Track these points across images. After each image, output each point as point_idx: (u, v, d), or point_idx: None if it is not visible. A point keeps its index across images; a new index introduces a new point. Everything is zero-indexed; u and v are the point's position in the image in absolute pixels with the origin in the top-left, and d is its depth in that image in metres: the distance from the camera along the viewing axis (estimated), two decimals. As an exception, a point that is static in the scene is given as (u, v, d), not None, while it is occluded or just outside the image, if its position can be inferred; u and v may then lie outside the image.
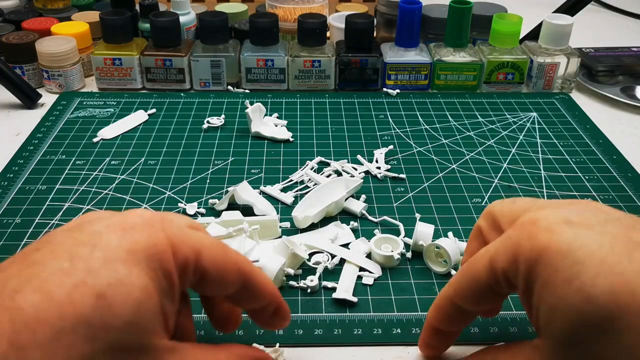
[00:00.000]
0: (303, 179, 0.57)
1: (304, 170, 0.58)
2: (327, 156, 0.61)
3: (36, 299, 0.25)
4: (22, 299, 0.25)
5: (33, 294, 0.25)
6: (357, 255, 0.47)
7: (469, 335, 0.41)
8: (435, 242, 0.46)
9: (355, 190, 0.53)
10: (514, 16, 0.73)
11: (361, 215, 0.52)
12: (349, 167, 0.57)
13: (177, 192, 0.55)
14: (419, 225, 0.48)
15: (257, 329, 0.41)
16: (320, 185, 0.52)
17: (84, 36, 0.76)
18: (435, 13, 0.80)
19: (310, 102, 0.72)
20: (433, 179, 0.58)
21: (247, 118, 0.64)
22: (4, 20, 0.82)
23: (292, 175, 0.57)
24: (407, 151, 0.62)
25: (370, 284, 0.45)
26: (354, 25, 0.72)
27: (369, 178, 0.57)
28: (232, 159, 0.60)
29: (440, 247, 0.46)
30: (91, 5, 0.89)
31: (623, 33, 0.98)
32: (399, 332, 0.41)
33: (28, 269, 0.27)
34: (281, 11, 0.79)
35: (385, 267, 0.47)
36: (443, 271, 0.46)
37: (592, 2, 0.89)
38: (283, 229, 0.50)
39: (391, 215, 0.52)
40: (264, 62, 0.72)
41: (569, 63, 0.74)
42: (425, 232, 0.47)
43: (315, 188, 0.52)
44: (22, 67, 0.73)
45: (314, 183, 0.56)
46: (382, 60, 0.73)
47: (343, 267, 0.46)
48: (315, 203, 0.51)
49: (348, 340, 0.41)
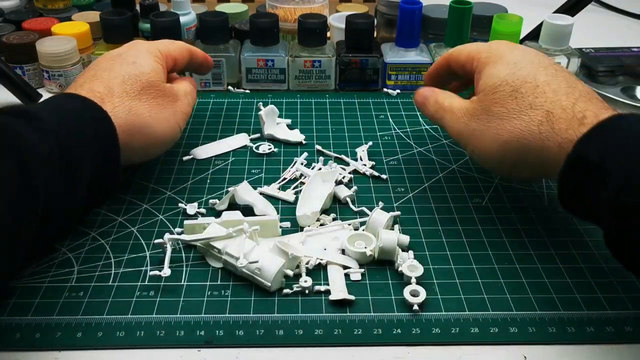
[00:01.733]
0: (296, 176, 0.57)
1: (296, 166, 0.58)
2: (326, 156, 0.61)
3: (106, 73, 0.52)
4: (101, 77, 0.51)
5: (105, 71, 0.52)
6: (335, 255, 0.47)
7: (469, 335, 0.41)
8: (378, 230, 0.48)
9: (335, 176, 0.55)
10: (514, 16, 0.73)
11: (344, 202, 0.53)
12: (337, 168, 0.57)
13: (177, 192, 0.55)
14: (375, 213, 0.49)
15: (257, 329, 0.41)
16: (309, 181, 0.53)
17: (84, 36, 0.75)
18: (436, 13, 0.80)
19: (311, 102, 0.72)
20: (433, 179, 0.58)
21: (260, 120, 0.64)
22: (4, 21, 0.82)
23: (284, 174, 0.58)
24: (407, 151, 0.62)
25: (359, 279, 0.45)
26: (354, 25, 0.72)
27: (369, 178, 0.57)
28: (233, 159, 0.60)
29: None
30: (91, 6, 0.89)
31: (623, 33, 0.98)
32: (399, 332, 0.41)
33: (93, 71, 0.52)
34: (281, 11, 0.79)
35: (361, 264, 0.47)
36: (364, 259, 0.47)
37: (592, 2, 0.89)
38: (283, 229, 0.50)
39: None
40: (264, 62, 0.72)
41: (569, 63, 0.74)
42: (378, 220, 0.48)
43: (307, 185, 0.53)
44: (22, 67, 0.73)
45: (305, 177, 0.57)
46: (383, 60, 0.73)
47: (327, 269, 0.46)
48: (314, 199, 0.51)
49: (348, 340, 0.41)
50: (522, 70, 0.46)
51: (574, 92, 0.44)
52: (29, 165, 0.41)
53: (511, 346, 0.41)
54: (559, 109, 0.43)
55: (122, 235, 0.50)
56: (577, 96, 0.44)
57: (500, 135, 0.46)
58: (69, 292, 0.44)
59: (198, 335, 0.41)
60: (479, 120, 0.47)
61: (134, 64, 0.52)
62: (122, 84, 0.50)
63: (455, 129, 0.50)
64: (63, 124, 0.45)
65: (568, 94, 0.44)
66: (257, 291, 0.44)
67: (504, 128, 0.45)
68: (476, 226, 0.51)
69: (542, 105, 0.44)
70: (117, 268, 0.46)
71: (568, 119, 0.43)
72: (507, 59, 0.48)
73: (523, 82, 0.46)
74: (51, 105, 0.47)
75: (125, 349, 0.40)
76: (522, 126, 0.44)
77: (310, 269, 0.46)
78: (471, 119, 0.48)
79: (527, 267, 0.47)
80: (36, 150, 0.42)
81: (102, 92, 0.49)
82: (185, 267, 0.47)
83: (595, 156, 0.40)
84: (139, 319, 0.42)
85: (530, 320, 0.42)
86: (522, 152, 0.45)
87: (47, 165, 0.43)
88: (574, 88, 0.45)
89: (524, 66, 0.47)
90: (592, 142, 0.41)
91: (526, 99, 0.45)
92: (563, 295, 0.44)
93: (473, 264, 0.47)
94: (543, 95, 0.45)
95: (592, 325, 0.42)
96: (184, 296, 0.44)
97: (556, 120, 0.43)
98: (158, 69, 0.53)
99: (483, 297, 0.44)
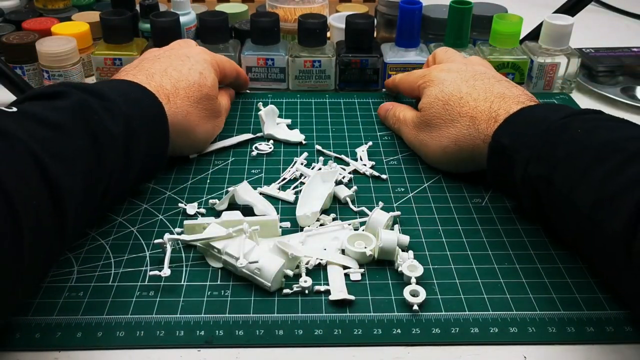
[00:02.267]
0: (296, 176, 0.57)
1: (295, 166, 0.58)
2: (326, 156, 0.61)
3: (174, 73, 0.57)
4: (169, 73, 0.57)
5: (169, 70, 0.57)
6: (335, 255, 0.47)
7: (469, 335, 0.41)
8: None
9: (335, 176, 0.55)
10: (514, 16, 0.73)
11: (344, 202, 0.53)
12: (337, 168, 0.57)
13: (177, 192, 0.55)
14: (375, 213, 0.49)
15: (257, 329, 0.41)
16: (309, 181, 0.53)
17: (84, 36, 0.76)
18: (436, 13, 0.80)
19: (311, 102, 0.72)
20: (433, 179, 0.58)
21: (260, 120, 0.64)
22: (4, 21, 0.82)
23: (284, 174, 0.58)
24: (407, 151, 0.62)
25: (359, 279, 0.45)
26: (354, 25, 0.72)
27: (369, 178, 0.57)
28: (233, 159, 0.60)
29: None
30: (91, 6, 0.89)
31: (623, 33, 0.98)
32: (399, 332, 0.41)
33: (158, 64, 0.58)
34: (281, 11, 0.79)
35: (361, 264, 0.47)
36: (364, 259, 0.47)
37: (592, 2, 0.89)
38: (283, 229, 0.50)
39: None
40: (264, 61, 0.72)
41: (569, 63, 0.74)
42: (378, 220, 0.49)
43: (307, 185, 0.53)
44: (22, 67, 0.73)
45: (304, 177, 0.57)
46: (383, 60, 0.73)
47: (327, 269, 0.46)
48: (313, 199, 0.51)
49: (348, 340, 0.41)
50: (449, 87, 0.57)
51: (490, 96, 0.54)
52: (101, 142, 0.45)
53: (511, 346, 0.41)
54: (479, 113, 0.53)
55: (122, 235, 0.50)
56: (492, 99, 0.54)
57: (441, 141, 0.56)
58: (69, 292, 0.44)
59: (198, 336, 0.41)
60: (423, 132, 0.58)
61: (201, 74, 0.58)
62: (187, 88, 0.56)
63: (408, 139, 0.61)
64: (130, 110, 0.49)
65: (486, 99, 0.54)
66: (257, 291, 0.44)
67: (443, 135, 0.56)
68: (476, 226, 0.51)
69: (467, 112, 0.54)
70: (117, 268, 0.46)
71: (486, 119, 0.52)
72: (437, 80, 0.58)
73: (450, 96, 0.56)
74: (120, 90, 0.51)
75: (125, 349, 0.40)
76: (455, 132, 0.54)
77: (310, 269, 0.46)
78: (418, 131, 0.59)
79: (527, 267, 0.47)
80: (108, 129, 0.46)
81: (169, 90, 0.55)
82: (185, 267, 0.47)
83: (507, 140, 0.50)
84: (139, 319, 0.42)
85: (530, 320, 0.42)
86: (460, 152, 0.55)
87: (115, 144, 0.47)
88: (490, 93, 0.54)
89: (450, 83, 0.57)
90: (503, 131, 0.50)
91: (455, 109, 0.55)
92: (563, 295, 0.44)
93: (473, 264, 0.47)
94: (466, 104, 0.54)
95: (592, 325, 0.42)
96: (184, 296, 0.44)
97: (479, 122, 0.53)
98: (216, 84, 0.60)
99: (483, 297, 0.44)
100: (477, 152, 0.53)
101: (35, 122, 0.42)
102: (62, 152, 0.42)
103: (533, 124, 0.49)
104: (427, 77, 0.60)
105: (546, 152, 0.46)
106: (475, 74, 0.58)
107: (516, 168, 0.48)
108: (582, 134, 0.46)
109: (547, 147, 0.46)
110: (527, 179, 0.47)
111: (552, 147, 0.46)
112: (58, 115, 0.43)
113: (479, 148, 0.53)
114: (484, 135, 0.52)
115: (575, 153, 0.45)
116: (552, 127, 0.47)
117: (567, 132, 0.46)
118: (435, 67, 0.62)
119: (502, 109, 0.52)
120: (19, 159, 0.38)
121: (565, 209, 0.45)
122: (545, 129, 0.47)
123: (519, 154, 0.48)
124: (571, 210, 0.44)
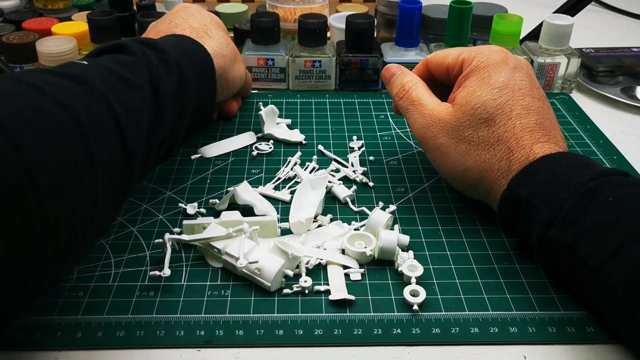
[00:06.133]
0: (290, 176, 0.57)
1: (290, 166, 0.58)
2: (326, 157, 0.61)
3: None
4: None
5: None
6: (335, 255, 0.47)
7: (469, 335, 0.41)
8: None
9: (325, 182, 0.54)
10: (514, 16, 0.73)
11: (344, 202, 0.53)
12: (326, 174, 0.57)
13: (177, 192, 0.55)
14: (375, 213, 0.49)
15: (257, 329, 0.41)
16: (299, 189, 0.52)
17: (84, 36, 0.75)
18: (435, 13, 0.80)
19: (311, 102, 0.72)
20: (433, 179, 0.58)
21: (260, 120, 0.64)
22: (4, 20, 0.82)
23: (278, 173, 0.58)
24: (407, 151, 0.62)
25: (359, 279, 0.45)
26: (354, 25, 0.72)
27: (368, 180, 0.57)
28: (233, 159, 0.60)
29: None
30: (91, 6, 0.89)
31: (623, 33, 0.98)
32: (399, 332, 0.41)
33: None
34: (281, 11, 0.79)
35: (361, 264, 0.47)
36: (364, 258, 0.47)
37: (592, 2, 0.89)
38: (283, 229, 0.50)
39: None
40: (264, 60, 0.72)
41: (569, 63, 0.74)
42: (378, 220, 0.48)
43: (297, 193, 0.52)
44: (22, 67, 0.73)
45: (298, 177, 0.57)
46: (383, 60, 0.73)
47: (327, 269, 0.46)
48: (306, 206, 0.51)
49: (348, 340, 0.41)
50: (503, 96, 0.47)
51: (538, 131, 0.46)
52: (161, 93, 0.47)
53: (511, 346, 0.41)
54: (519, 148, 0.46)
55: (122, 235, 0.50)
56: (539, 137, 0.46)
57: (466, 160, 0.48)
58: (69, 292, 0.44)
59: (198, 335, 0.41)
60: (449, 137, 0.49)
61: (225, 30, 0.63)
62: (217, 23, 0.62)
63: (421, 133, 0.51)
64: (183, 59, 0.51)
65: (532, 132, 0.46)
66: (257, 291, 0.44)
67: (470, 155, 0.48)
68: (476, 226, 0.51)
69: (508, 140, 0.46)
70: (117, 268, 0.46)
71: (522, 160, 0.46)
72: (493, 80, 0.48)
73: (500, 112, 0.47)
74: (169, 41, 0.53)
75: (125, 349, 0.40)
76: (486, 158, 0.47)
77: (310, 269, 0.46)
78: (440, 132, 0.49)
79: (527, 267, 0.47)
80: (166, 80, 0.48)
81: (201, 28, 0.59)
82: (185, 267, 0.47)
83: (525, 193, 0.44)
84: (139, 319, 0.42)
85: (530, 320, 0.42)
86: (479, 180, 0.48)
87: (171, 95, 0.48)
88: (540, 125, 0.47)
89: (506, 92, 0.47)
90: (522, 182, 0.44)
91: (497, 130, 0.47)
92: (563, 295, 0.44)
93: (473, 264, 0.47)
94: (512, 130, 0.46)
95: (592, 325, 0.42)
96: (184, 296, 0.44)
97: (514, 159, 0.46)
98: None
99: (483, 297, 0.44)
100: (494, 189, 0.47)
101: (107, 72, 0.44)
102: (130, 103, 0.44)
103: (557, 181, 0.43)
104: (483, 61, 0.49)
105: (572, 218, 0.41)
106: (533, 88, 0.49)
107: (534, 227, 0.43)
108: (614, 202, 0.40)
109: (574, 213, 0.41)
110: (547, 242, 0.42)
111: (579, 213, 0.41)
112: (125, 69, 0.45)
113: (499, 187, 0.47)
114: (511, 176, 0.46)
115: (607, 224, 0.39)
116: (581, 190, 0.41)
117: (597, 197, 0.41)
118: (496, 51, 0.50)
119: (540, 154, 0.45)
120: (96, 103, 0.40)
121: (590, 284, 0.40)
122: (572, 191, 0.42)
123: (539, 213, 0.43)
124: (599, 287, 0.39)
